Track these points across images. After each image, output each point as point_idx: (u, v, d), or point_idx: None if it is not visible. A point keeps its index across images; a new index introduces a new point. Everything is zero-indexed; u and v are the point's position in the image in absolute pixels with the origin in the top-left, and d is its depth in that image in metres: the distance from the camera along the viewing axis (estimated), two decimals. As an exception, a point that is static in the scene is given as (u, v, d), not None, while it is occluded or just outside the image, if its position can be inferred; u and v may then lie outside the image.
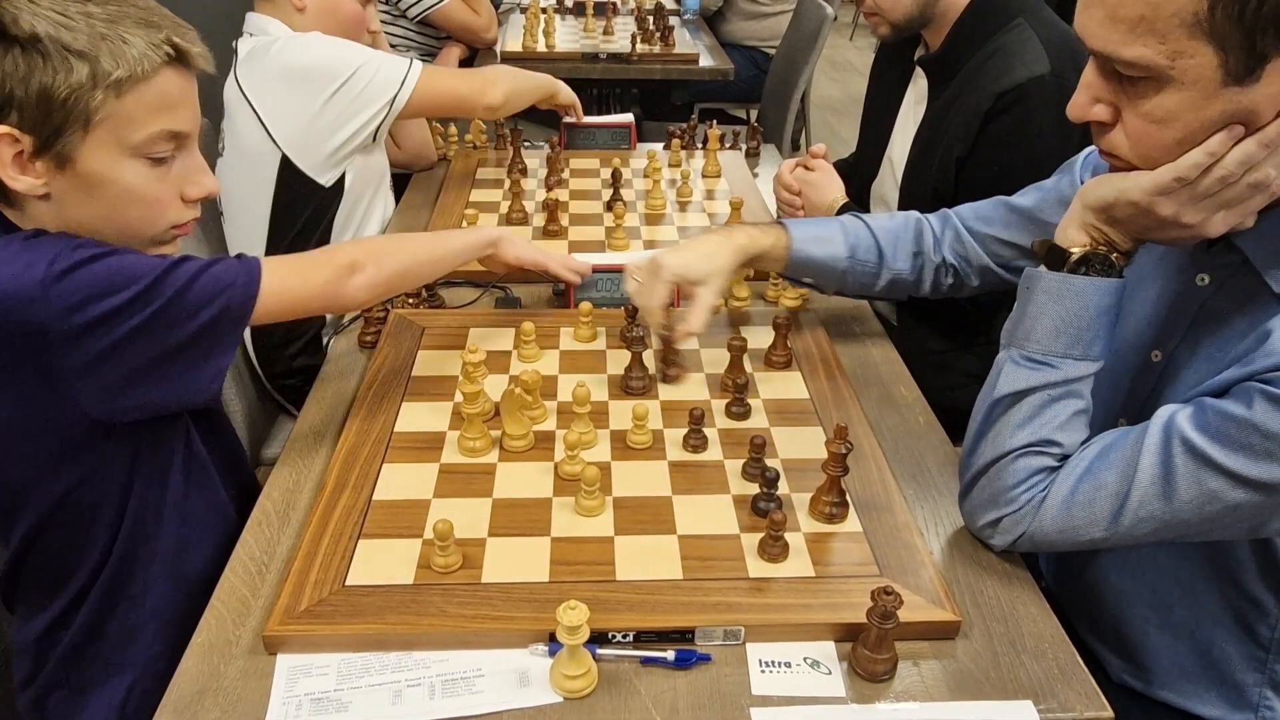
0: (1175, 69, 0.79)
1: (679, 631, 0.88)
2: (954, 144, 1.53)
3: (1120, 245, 0.91)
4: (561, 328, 1.38)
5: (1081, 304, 0.92)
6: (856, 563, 0.97)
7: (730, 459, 1.12)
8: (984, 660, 0.88)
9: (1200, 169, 0.81)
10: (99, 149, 0.91)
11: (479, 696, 0.84)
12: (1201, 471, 0.84)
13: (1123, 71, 0.82)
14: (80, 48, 0.88)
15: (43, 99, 0.87)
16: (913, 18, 1.60)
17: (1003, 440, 0.95)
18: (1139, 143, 0.85)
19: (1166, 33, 0.77)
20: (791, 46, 3.37)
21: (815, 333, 1.39)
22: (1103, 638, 1.10)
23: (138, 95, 0.91)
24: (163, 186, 0.97)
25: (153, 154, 0.95)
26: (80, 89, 0.88)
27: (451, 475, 1.08)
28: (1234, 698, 1.02)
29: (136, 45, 0.90)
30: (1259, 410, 0.81)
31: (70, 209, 0.94)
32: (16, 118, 0.88)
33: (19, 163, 0.90)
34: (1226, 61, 0.77)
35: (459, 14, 2.98)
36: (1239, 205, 0.83)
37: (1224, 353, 0.91)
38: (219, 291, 0.97)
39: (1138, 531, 0.88)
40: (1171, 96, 0.80)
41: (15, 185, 0.90)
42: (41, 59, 0.87)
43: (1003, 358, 0.98)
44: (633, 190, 1.88)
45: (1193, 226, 0.85)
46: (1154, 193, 0.84)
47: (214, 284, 0.97)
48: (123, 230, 0.97)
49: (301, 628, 0.87)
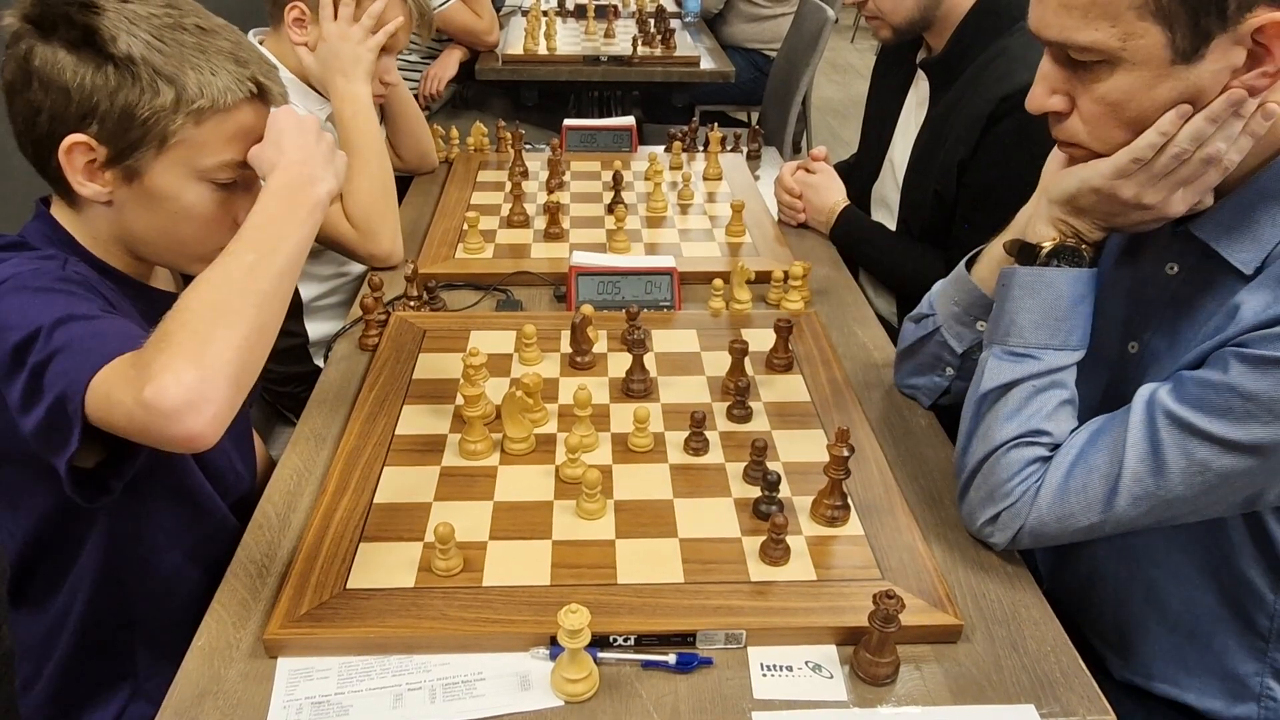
0: (1126, 50, 0.83)
1: (680, 635, 0.88)
2: (956, 147, 1.53)
3: (1088, 236, 0.95)
4: (562, 331, 1.38)
5: (1056, 294, 0.95)
6: (858, 566, 0.96)
7: (731, 462, 1.11)
8: (986, 663, 0.88)
9: (1155, 149, 0.86)
10: (169, 168, 0.95)
11: (480, 700, 0.83)
12: (1188, 441, 0.86)
13: (1076, 57, 0.87)
14: (170, 73, 0.92)
15: (125, 115, 0.91)
16: (914, 21, 1.60)
17: (993, 434, 0.97)
18: (1095, 126, 0.89)
19: (1117, 15, 0.82)
20: (792, 49, 3.37)
21: (817, 336, 1.38)
22: (1103, 636, 1.10)
23: (216, 124, 0.95)
24: (220, 210, 1.00)
25: (218, 179, 0.98)
26: (162, 111, 0.92)
27: (452, 478, 1.08)
28: (1235, 689, 1.02)
29: (223, 78, 0.94)
30: (1235, 373, 0.83)
31: (128, 218, 0.97)
32: (96, 128, 0.91)
33: (89, 170, 0.93)
34: (1173, 40, 0.81)
35: (461, 17, 2.98)
36: (1196, 181, 0.87)
37: (1192, 333, 0.93)
38: (61, 376, 0.81)
39: (1133, 512, 0.89)
40: (1124, 78, 0.85)
41: (81, 191, 0.94)
42: (132, 79, 0.91)
43: (985, 355, 1.00)
44: (634, 193, 1.88)
45: (1154, 207, 0.89)
46: (1114, 176, 0.89)
47: (60, 369, 0.81)
48: (174, 244, 1.01)
49: (302, 631, 0.87)
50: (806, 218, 1.80)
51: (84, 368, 0.80)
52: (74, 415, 0.80)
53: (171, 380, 0.76)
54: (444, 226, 1.71)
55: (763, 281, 1.52)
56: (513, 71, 3.01)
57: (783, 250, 1.65)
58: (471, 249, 1.62)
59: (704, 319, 1.44)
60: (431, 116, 3.01)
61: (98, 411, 0.80)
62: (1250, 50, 0.81)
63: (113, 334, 0.84)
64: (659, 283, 1.46)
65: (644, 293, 1.47)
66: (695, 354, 1.34)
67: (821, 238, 1.77)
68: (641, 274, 1.47)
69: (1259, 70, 0.81)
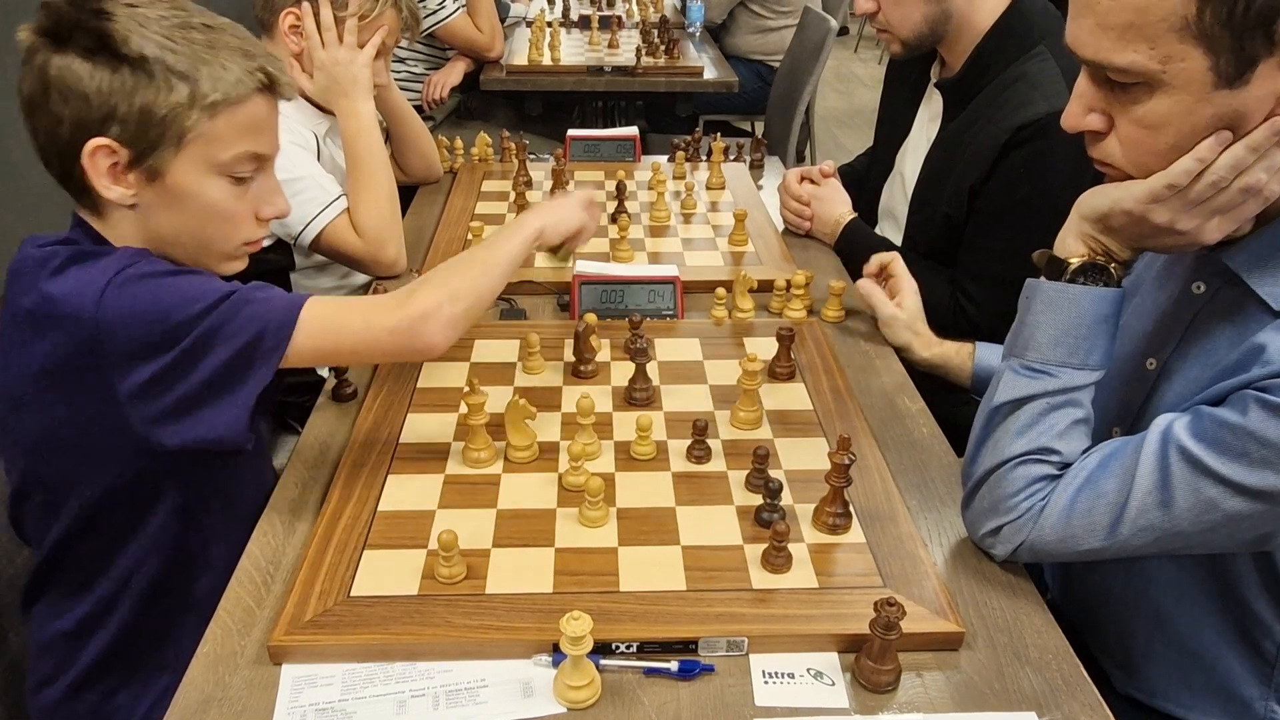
0: (1167, 73, 0.79)
1: (682, 642, 0.88)
2: (968, 171, 1.51)
3: (1118, 255, 0.92)
4: (566, 339, 1.38)
5: (1079, 312, 0.92)
6: (860, 574, 0.97)
7: (734, 470, 1.12)
8: (988, 671, 0.88)
9: (1191, 175, 0.82)
10: (188, 165, 0.97)
11: (483, 707, 0.84)
12: (1198, 480, 0.84)
13: (1114, 79, 0.83)
14: (183, 69, 0.94)
15: (144, 115, 0.93)
16: (923, 35, 1.58)
17: (1002, 448, 0.95)
18: (1132, 149, 0.86)
19: (1156, 37, 0.78)
20: (795, 59, 3.38)
21: (819, 344, 1.39)
22: (1107, 650, 1.10)
23: (229, 117, 0.98)
24: (240, 204, 1.03)
25: (236, 173, 1.01)
26: (179, 108, 0.94)
27: (456, 486, 1.09)
28: (1239, 711, 1.01)
29: (233, 71, 0.97)
30: (1254, 418, 0.81)
31: (154, 219, 0.99)
32: (117, 131, 0.93)
33: (113, 173, 0.96)
34: (1217, 64, 0.77)
35: (464, 30, 3.00)
36: (1233, 211, 0.84)
37: (1212, 359, 0.91)
38: (255, 320, 0.97)
39: (1136, 541, 0.88)
40: (1163, 101, 0.81)
41: (108, 194, 0.96)
42: (147, 78, 0.93)
43: (1002, 368, 0.98)
44: (637, 202, 1.89)
45: (1188, 233, 0.85)
46: (1147, 201, 0.85)
47: (253, 315, 0.97)
48: (200, 242, 1.03)
49: (306, 638, 0.88)
50: (811, 228, 1.80)
51: (285, 309, 0.99)
52: (273, 349, 0.97)
53: (431, 301, 1.04)
54: (448, 236, 1.72)
55: (765, 290, 1.53)
56: (517, 82, 3.02)
57: (785, 259, 1.65)
58: (475, 258, 1.63)
59: (707, 328, 1.45)
60: (436, 127, 3.03)
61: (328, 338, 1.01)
62: None
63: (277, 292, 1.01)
64: (662, 292, 1.47)
65: (647, 301, 1.47)
66: (698, 362, 1.35)
67: (825, 247, 1.78)
68: (644, 283, 1.47)
69: None
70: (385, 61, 1.72)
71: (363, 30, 1.62)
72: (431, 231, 1.76)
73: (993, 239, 1.52)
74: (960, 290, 1.56)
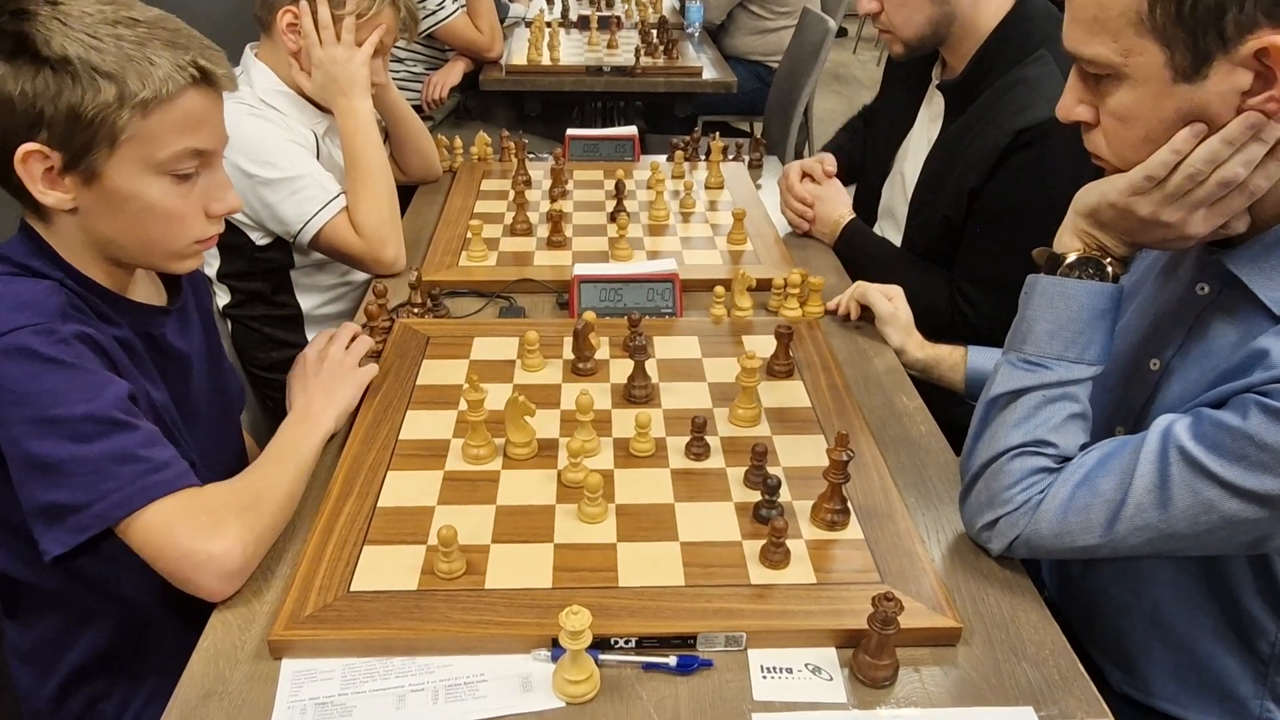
0: (1129, 66, 0.83)
1: (681, 637, 0.89)
2: (968, 174, 1.51)
3: (1114, 250, 0.93)
4: (565, 337, 1.39)
5: (1076, 306, 0.94)
6: (858, 570, 0.97)
7: (732, 466, 1.12)
8: (985, 666, 0.88)
9: (1169, 167, 0.84)
10: (125, 166, 0.94)
11: (482, 701, 0.84)
12: (1197, 481, 0.84)
13: (1087, 70, 0.87)
14: (108, 69, 0.91)
15: (71, 117, 0.90)
16: (925, 37, 1.58)
17: (999, 440, 0.96)
18: (1112, 141, 0.89)
19: (1117, 31, 0.82)
20: (794, 60, 3.39)
21: (817, 342, 1.39)
22: (1104, 648, 1.10)
23: (162, 114, 0.94)
24: (186, 203, 1.00)
25: (177, 171, 0.98)
26: (107, 108, 0.91)
27: (455, 482, 1.09)
28: (1235, 710, 1.02)
29: (162, 67, 0.93)
30: (1254, 421, 0.81)
31: (96, 223, 0.97)
32: (46, 135, 0.91)
33: (48, 178, 0.93)
34: (1172, 58, 0.80)
35: (463, 30, 3.01)
36: (1218, 205, 0.85)
37: (1215, 361, 0.92)
38: (93, 489, 0.88)
39: (1132, 540, 0.89)
40: (1130, 93, 0.85)
41: (44, 199, 0.94)
42: (71, 79, 0.90)
43: (1001, 361, 0.99)
44: (636, 201, 1.89)
45: (1174, 226, 0.87)
46: (1129, 193, 0.88)
47: (93, 483, 0.88)
48: (145, 244, 1.00)
49: (306, 633, 0.88)
50: (814, 228, 1.81)
51: (134, 497, 0.89)
52: (91, 527, 0.88)
53: (239, 549, 0.92)
54: (448, 235, 1.72)
55: (764, 289, 1.53)
56: (516, 82, 3.03)
57: (784, 259, 1.66)
58: (475, 257, 1.64)
59: (705, 326, 1.45)
60: (435, 127, 3.03)
61: (140, 535, 0.90)
62: (1257, 72, 0.78)
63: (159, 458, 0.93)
64: (661, 290, 1.48)
65: (646, 300, 1.48)
66: (696, 360, 1.35)
67: (823, 247, 1.78)
68: (643, 281, 1.48)
69: (1267, 94, 0.79)
70: (383, 60, 1.73)
71: (360, 28, 1.62)
72: (431, 231, 1.77)
73: (992, 242, 1.52)
74: (959, 292, 1.56)
